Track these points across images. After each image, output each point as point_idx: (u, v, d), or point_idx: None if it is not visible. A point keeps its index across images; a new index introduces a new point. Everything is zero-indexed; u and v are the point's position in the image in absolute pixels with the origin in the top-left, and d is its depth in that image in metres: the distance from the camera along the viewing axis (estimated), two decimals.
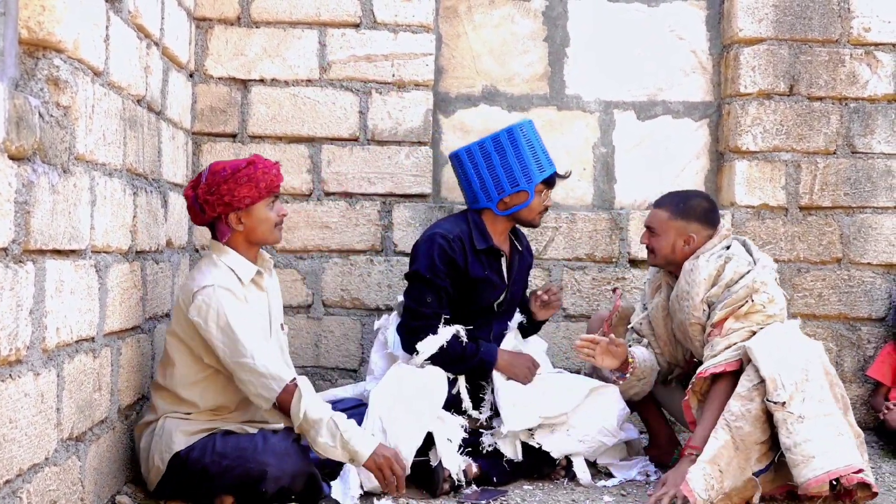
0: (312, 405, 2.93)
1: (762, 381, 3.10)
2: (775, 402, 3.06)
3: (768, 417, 3.11)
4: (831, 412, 3.10)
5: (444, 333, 3.49)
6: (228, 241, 3.09)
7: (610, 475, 3.54)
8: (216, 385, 3.05)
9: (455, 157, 3.67)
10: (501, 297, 3.63)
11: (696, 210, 3.44)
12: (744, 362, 3.21)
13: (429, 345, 3.47)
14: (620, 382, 3.53)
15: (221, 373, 3.02)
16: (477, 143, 3.62)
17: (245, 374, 2.92)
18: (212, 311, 2.92)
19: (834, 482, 3.07)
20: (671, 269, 3.51)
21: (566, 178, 3.74)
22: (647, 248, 3.52)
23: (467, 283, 3.54)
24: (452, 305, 3.54)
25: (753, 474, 3.12)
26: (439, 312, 3.51)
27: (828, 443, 3.04)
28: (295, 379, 2.96)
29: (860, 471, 3.05)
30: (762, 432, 3.12)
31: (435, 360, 3.48)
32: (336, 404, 3.35)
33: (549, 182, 3.61)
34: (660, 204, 3.52)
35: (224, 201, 3.02)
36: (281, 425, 3.14)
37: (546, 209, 3.65)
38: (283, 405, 2.93)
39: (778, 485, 3.22)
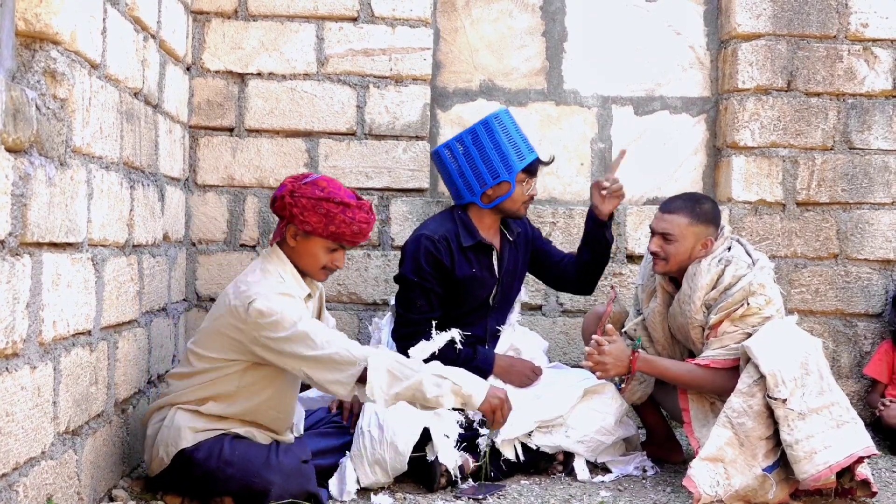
0: (397, 377, 2.86)
1: (762, 376, 3.10)
2: (776, 399, 3.06)
3: (771, 413, 3.10)
4: (834, 401, 3.10)
5: (439, 340, 3.47)
6: (280, 245, 3.07)
7: (607, 470, 3.54)
8: (250, 395, 3.01)
9: (436, 155, 3.64)
10: (493, 293, 3.62)
11: (710, 214, 3.36)
12: (742, 361, 3.20)
13: (420, 351, 3.45)
14: (624, 389, 3.53)
15: (259, 386, 2.99)
16: (455, 139, 3.58)
17: (320, 368, 2.86)
18: (276, 318, 2.86)
19: (839, 473, 3.08)
20: (675, 274, 3.43)
21: (549, 164, 3.68)
22: (658, 255, 3.36)
23: (455, 282, 3.52)
24: (443, 305, 3.53)
25: (763, 471, 3.11)
26: (430, 316, 3.50)
27: (829, 437, 3.05)
28: (368, 359, 2.87)
29: (861, 459, 3.06)
30: (766, 427, 3.12)
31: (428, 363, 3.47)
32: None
33: (531, 170, 3.56)
34: (674, 209, 3.35)
35: (293, 212, 3.00)
36: (292, 438, 3.16)
37: (531, 199, 3.61)
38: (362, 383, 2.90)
39: (791, 487, 3.18)
